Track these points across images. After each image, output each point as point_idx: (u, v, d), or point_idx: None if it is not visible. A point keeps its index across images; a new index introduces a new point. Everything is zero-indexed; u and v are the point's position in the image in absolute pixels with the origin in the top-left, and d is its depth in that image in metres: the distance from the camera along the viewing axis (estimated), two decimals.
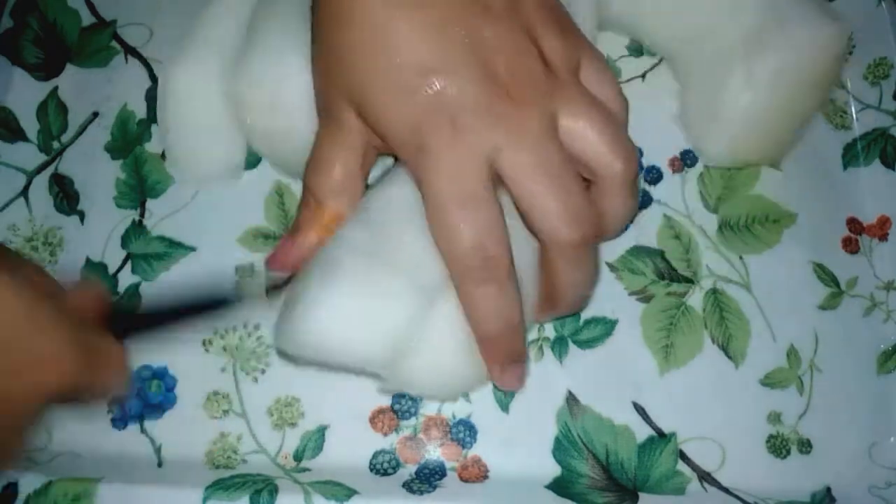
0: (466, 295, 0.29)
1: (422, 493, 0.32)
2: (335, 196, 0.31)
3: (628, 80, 0.40)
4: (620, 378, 0.35)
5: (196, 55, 0.36)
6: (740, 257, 0.37)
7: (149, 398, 0.34)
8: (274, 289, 0.32)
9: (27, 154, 0.39)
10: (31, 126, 0.40)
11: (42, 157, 0.39)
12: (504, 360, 0.30)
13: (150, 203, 0.38)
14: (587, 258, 0.30)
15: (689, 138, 0.39)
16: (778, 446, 0.34)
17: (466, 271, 0.28)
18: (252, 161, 0.38)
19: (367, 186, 0.32)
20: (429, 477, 0.33)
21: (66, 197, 0.38)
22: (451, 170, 0.28)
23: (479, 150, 0.28)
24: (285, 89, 0.33)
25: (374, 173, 0.33)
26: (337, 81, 0.30)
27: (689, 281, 0.37)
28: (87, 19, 0.41)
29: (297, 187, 0.38)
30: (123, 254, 0.37)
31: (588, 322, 0.36)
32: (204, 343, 0.35)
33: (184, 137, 0.37)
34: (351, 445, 0.34)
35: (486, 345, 0.30)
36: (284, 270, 0.32)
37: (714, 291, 0.36)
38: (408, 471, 0.34)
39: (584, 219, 0.28)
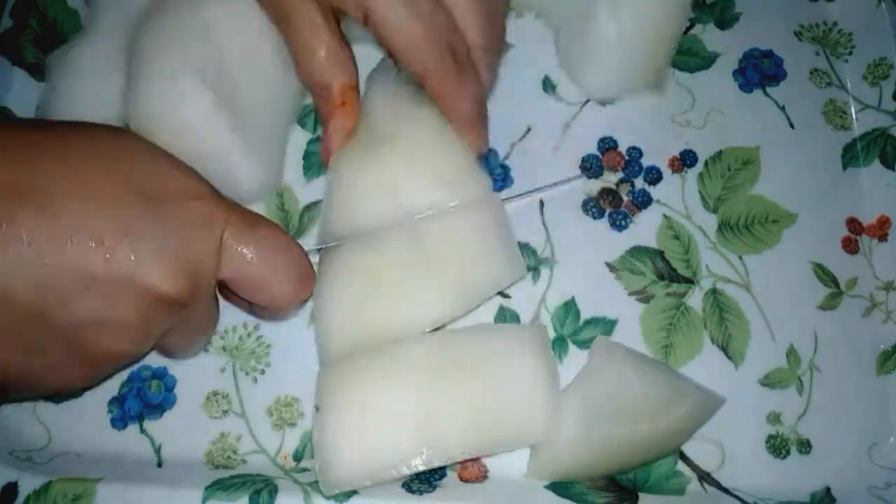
0: (446, 92, 0.32)
1: (422, 493, 0.32)
2: (334, 72, 0.32)
3: None
4: None
5: (81, 105, 0.34)
6: (740, 257, 0.37)
7: (149, 398, 0.34)
8: None
9: None
10: None
11: None
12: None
13: None
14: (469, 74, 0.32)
15: (572, 77, 0.40)
16: (778, 446, 0.34)
17: (440, 71, 0.31)
18: None
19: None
20: (429, 477, 0.33)
21: None
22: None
23: None
24: (184, 109, 0.32)
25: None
26: None
27: (689, 281, 0.37)
28: None
29: (296, 188, 0.38)
30: None
31: (588, 322, 0.36)
32: None
33: None
34: None
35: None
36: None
37: (714, 291, 0.36)
38: None
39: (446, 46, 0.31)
